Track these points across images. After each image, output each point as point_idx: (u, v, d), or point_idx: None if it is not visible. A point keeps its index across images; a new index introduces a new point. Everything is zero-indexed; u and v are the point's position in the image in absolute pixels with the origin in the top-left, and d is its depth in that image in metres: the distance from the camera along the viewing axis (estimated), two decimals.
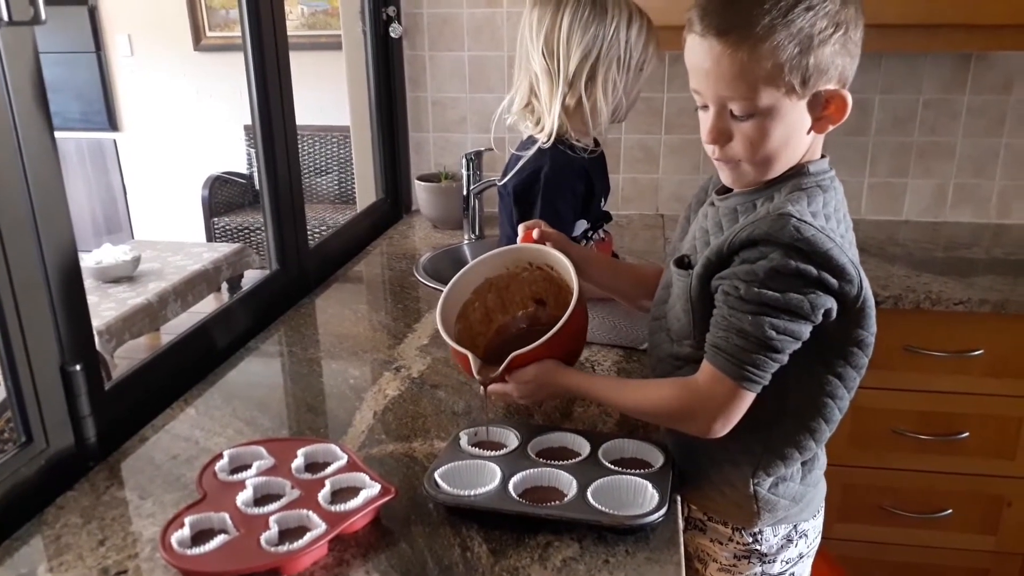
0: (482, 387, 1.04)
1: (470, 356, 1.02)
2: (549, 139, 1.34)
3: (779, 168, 0.90)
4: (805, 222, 0.83)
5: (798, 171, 0.91)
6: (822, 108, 0.87)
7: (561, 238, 1.13)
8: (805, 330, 0.85)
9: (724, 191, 0.97)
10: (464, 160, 1.93)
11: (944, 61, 1.97)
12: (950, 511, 1.77)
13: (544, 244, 1.10)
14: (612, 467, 0.95)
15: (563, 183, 1.33)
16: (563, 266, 1.08)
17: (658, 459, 0.97)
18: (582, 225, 1.41)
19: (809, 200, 0.87)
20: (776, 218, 0.84)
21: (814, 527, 1.06)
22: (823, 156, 0.94)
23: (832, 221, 0.88)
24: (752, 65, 0.83)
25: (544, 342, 0.99)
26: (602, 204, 1.46)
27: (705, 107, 0.90)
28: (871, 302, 0.88)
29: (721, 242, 0.88)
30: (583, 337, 1.10)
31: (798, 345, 0.86)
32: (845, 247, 0.86)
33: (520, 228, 1.14)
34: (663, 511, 0.87)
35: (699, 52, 0.87)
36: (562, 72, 1.32)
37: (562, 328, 1.00)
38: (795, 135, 0.88)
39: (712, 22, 0.84)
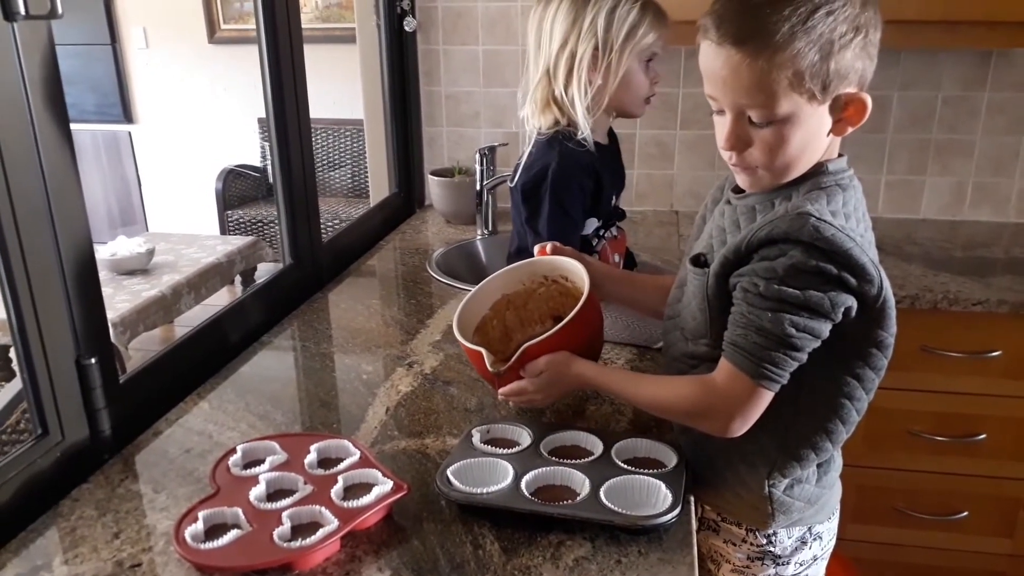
0: (496, 387, 1.04)
1: (483, 352, 1.02)
2: (536, 131, 1.35)
3: (797, 172, 0.89)
4: (825, 221, 0.82)
5: (816, 170, 0.90)
6: (841, 111, 0.86)
7: (575, 254, 1.12)
8: (825, 328, 0.84)
9: (741, 189, 0.96)
10: (478, 155, 1.92)
11: (964, 58, 1.94)
12: (966, 513, 1.75)
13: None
14: (625, 467, 0.94)
15: (571, 180, 1.32)
16: (576, 273, 1.08)
17: (671, 459, 0.96)
18: (593, 223, 1.40)
19: (828, 199, 0.86)
20: (795, 217, 0.83)
21: (829, 529, 1.05)
22: (840, 155, 0.93)
23: (852, 220, 0.87)
24: (772, 74, 0.81)
25: (557, 331, 1.00)
26: (613, 200, 1.44)
27: (721, 112, 0.89)
28: (891, 303, 0.87)
29: (739, 240, 0.87)
30: (599, 336, 1.09)
31: (817, 344, 0.85)
32: (865, 246, 0.85)
33: (535, 249, 1.14)
34: (676, 512, 0.86)
35: (715, 60, 0.85)
36: (542, 64, 1.32)
37: (575, 318, 1.00)
38: (814, 140, 0.87)
39: (729, 30, 0.83)
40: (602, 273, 1.12)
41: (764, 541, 1.01)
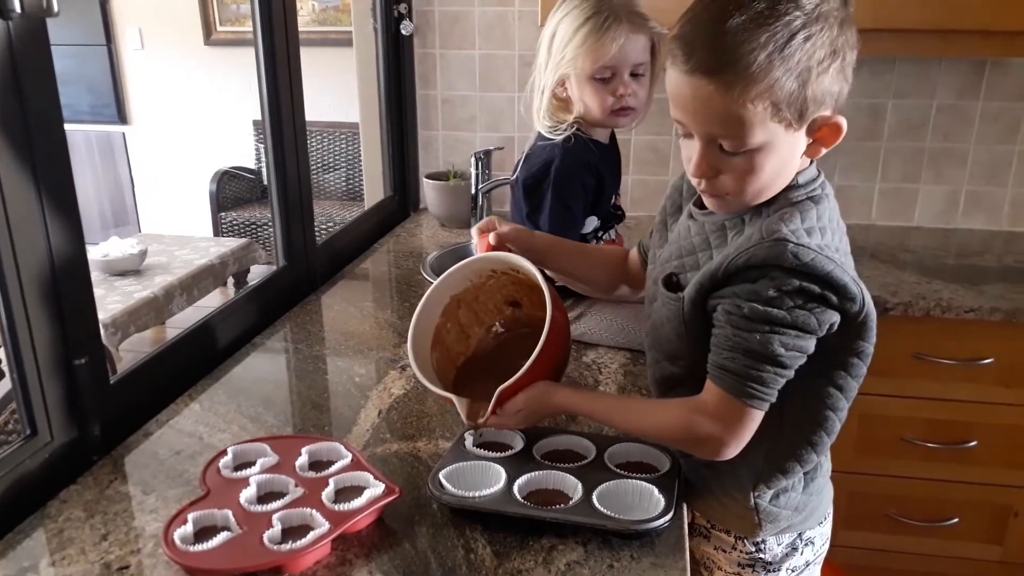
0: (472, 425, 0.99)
1: (455, 399, 0.95)
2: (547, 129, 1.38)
3: (768, 196, 0.86)
4: (803, 246, 0.80)
5: (787, 185, 0.87)
6: (815, 132, 0.83)
7: (520, 233, 1.06)
8: (811, 344, 0.83)
9: (704, 203, 0.93)
10: (473, 159, 1.92)
11: (959, 66, 1.95)
12: (957, 520, 1.76)
13: (504, 249, 1.03)
14: (618, 471, 0.94)
15: (574, 177, 1.33)
16: (529, 271, 0.99)
17: (664, 463, 0.96)
18: (592, 222, 1.40)
19: (802, 216, 0.83)
20: (772, 244, 0.80)
21: (821, 534, 1.04)
22: (811, 162, 0.90)
23: (828, 234, 0.85)
24: (746, 105, 0.77)
25: (529, 369, 0.92)
26: (613, 199, 1.45)
27: (689, 135, 0.85)
28: (873, 315, 0.86)
29: (715, 267, 0.85)
30: (568, 346, 1.05)
31: (804, 359, 0.84)
32: (844, 262, 0.83)
33: (473, 231, 1.08)
34: (669, 516, 0.86)
35: (684, 89, 0.80)
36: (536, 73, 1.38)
37: (543, 348, 0.92)
38: (788, 165, 0.84)
39: (700, 60, 0.78)
40: (547, 245, 1.09)
41: (753, 548, 1.00)
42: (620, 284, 1.17)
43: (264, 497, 0.90)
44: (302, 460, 0.95)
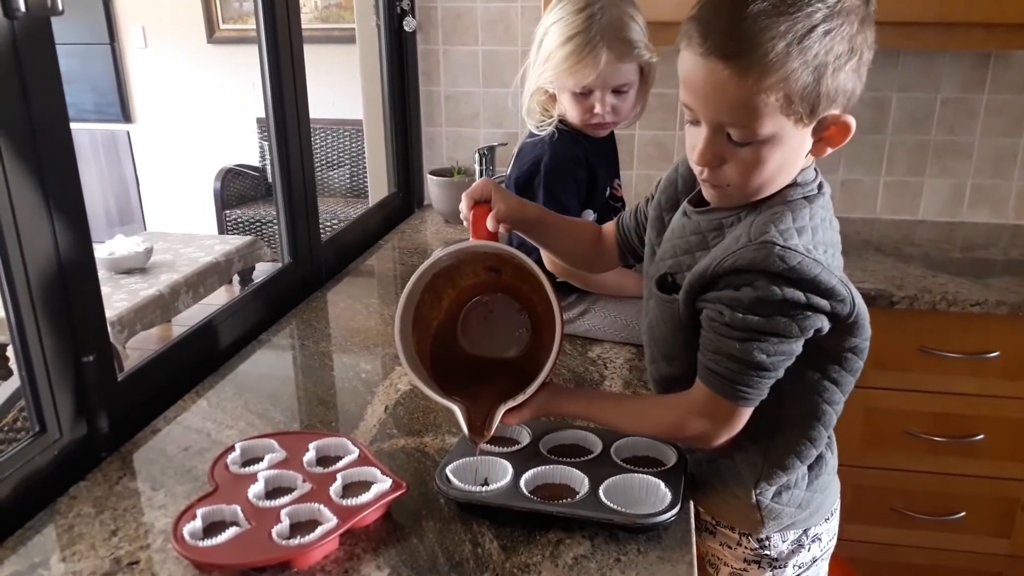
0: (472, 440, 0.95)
1: (457, 413, 0.92)
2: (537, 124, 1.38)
3: (768, 192, 0.85)
4: (790, 248, 0.79)
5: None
6: (823, 131, 0.82)
7: (512, 211, 1.01)
8: (797, 346, 0.83)
9: (701, 201, 0.92)
10: (477, 155, 1.93)
11: (963, 59, 1.95)
12: (963, 513, 1.75)
13: (499, 239, 0.99)
14: (624, 465, 0.94)
15: (564, 172, 1.34)
16: (541, 280, 0.92)
17: (671, 457, 0.96)
18: (589, 215, 1.40)
19: (794, 216, 0.83)
20: (759, 246, 0.79)
21: (827, 531, 1.04)
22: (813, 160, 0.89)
23: (819, 232, 0.84)
24: (760, 94, 0.76)
25: (536, 390, 0.91)
26: (607, 192, 1.44)
27: (696, 122, 0.84)
28: (864, 313, 0.85)
29: (704, 268, 0.84)
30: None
31: (791, 361, 0.84)
32: (832, 264, 0.82)
33: (464, 198, 1.01)
34: (676, 510, 0.86)
35: (698, 72, 0.79)
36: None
37: (551, 369, 0.91)
38: (792, 161, 0.83)
39: (717, 42, 0.76)
40: (537, 216, 1.08)
41: (757, 545, 1.00)
42: (592, 259, 1.17)
43: (272, 492, 0.90)
44: (309, 456, 0.96)
